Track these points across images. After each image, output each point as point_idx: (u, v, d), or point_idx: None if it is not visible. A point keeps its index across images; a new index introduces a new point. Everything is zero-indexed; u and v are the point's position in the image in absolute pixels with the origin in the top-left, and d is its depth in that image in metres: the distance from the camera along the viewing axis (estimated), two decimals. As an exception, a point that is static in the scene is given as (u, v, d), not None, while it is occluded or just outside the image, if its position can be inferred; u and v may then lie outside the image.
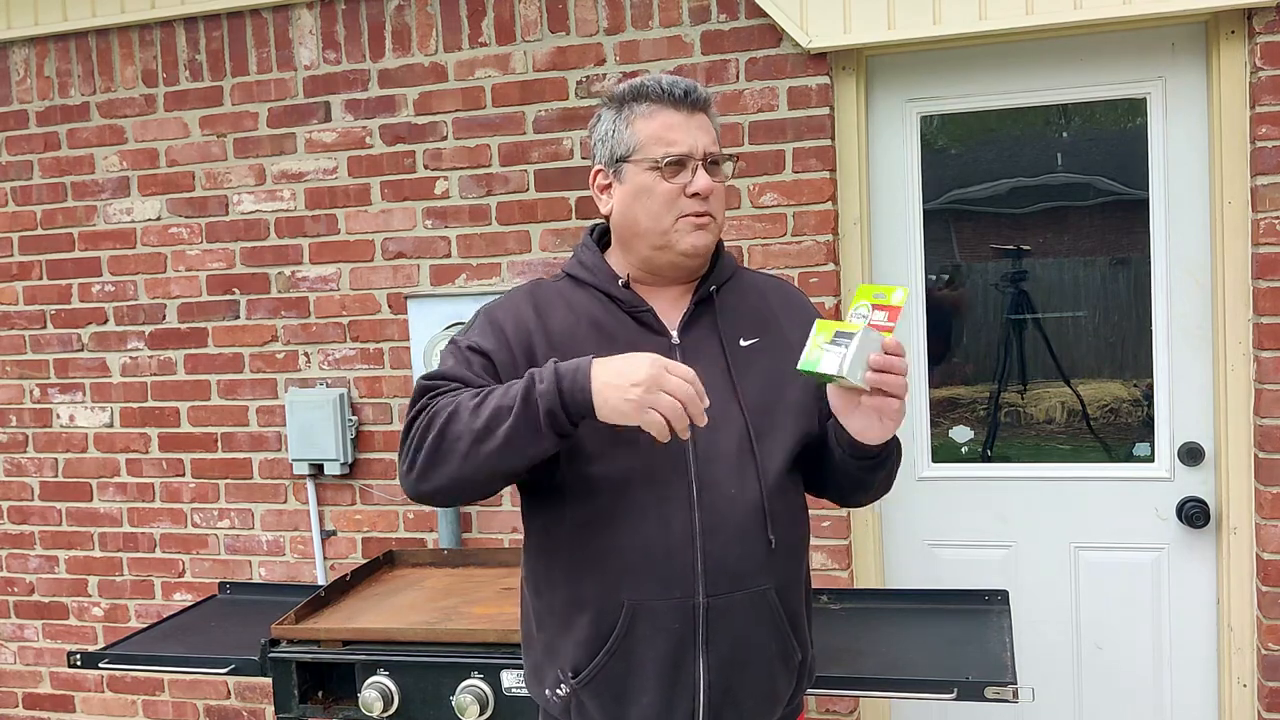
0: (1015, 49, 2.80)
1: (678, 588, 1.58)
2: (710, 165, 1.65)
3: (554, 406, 1.47)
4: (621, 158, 1.66)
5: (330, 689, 2.34)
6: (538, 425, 1.48)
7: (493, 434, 1.49)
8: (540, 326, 1.66)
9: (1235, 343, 2.68)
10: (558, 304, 1.69)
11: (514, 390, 1.51)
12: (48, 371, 3.45)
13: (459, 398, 1.56)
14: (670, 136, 1.63)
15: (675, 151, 1.62)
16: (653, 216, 1.64)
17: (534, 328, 1.65)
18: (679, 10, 2.88)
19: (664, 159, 1.62)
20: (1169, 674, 2.86)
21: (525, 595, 1.77)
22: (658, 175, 1.63)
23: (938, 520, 2.94)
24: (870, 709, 3.00)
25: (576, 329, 1.65)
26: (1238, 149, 2.64)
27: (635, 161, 1.64)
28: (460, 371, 1.63)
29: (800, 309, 1.78)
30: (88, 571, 3.49)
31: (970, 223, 2.93)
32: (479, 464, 1.52)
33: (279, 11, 3.15)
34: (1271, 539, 2.63)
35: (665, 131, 1.63)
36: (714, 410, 1.59)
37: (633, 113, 1.66)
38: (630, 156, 1.65)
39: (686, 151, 1.63)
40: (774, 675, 1.67)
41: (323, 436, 3.14)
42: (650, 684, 1.61)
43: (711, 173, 1.65)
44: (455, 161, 3.07)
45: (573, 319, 1.67)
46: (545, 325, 1.66)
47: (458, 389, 1.59)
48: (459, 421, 1.53)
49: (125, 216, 3.34)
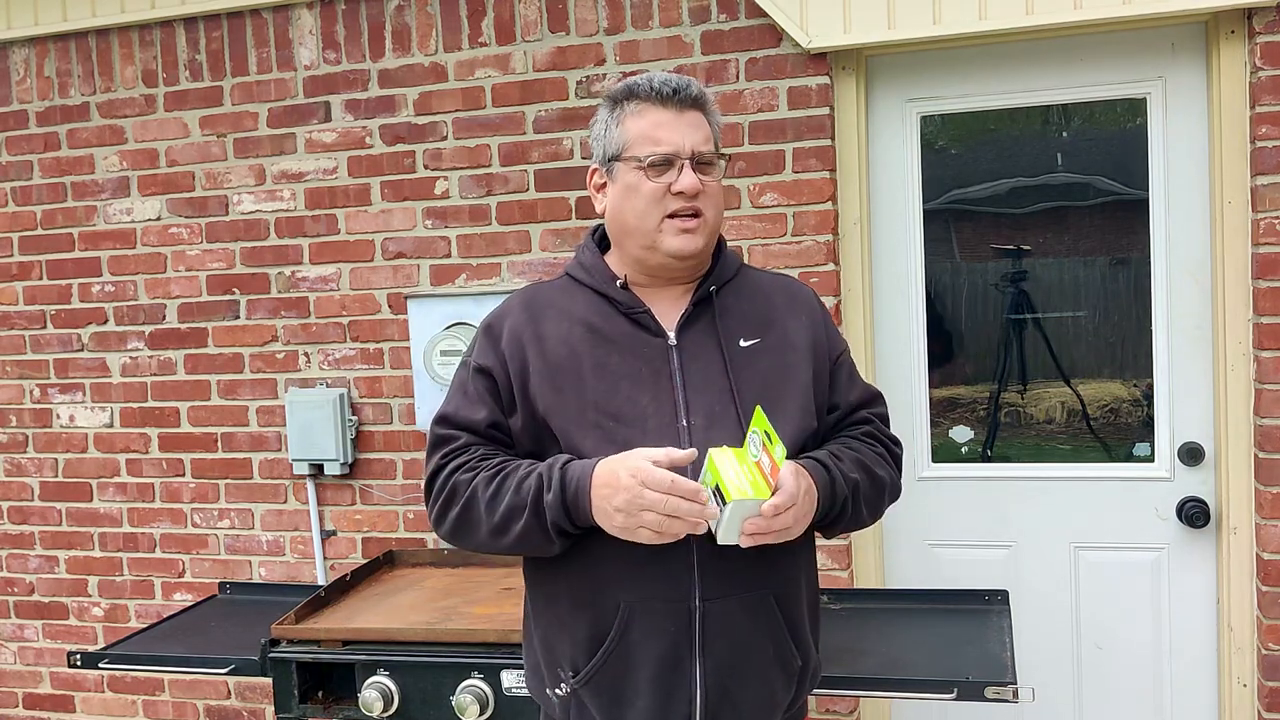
0: (1015, 49, 2.80)
1: (674, 590, 1.58)
2: (700, 165, 1.63)
3: (559, 519, 1.54)
4: (613, 156, 1.66)
5: (330, 689, 2.35)
6: (547, 533, 1.56)
7: (508, 532, 1.58)
8: (534, 335, 1.66)
9: (1235, 343, 2.68)
10: (552, 309, 1.69)
11: (525, 490, 1.56)
12: (48, 371, 3.45)
13: (475, 481, 1.61)
14: (657, 135, 1.62)
15: (660, 150, 1.62)
16: (639, 215, 1.64)
17: (527, 338, 1.66)
18: (679, 10, 2.88)
19: (648, 158, 1.61)
20: (1169, 674, 2.86)
21: (527, 596, 1.77)
22: (643, 174, 1.62)
23: (938, 520, 2.94)
24: (870, 709, 3.00)
25: (571, 334, 1.65)
26: (1238, 149, 2.64)
27: (624, 160, 1.64)
28: (468, 417, 1.67)
29: (807, 308, 1.76)
30: (88, 571, 3.49)
31: (970, 223, 2.93)
32: (500, 550, 1.63)
33: (279, 11, 3.15)
34: (1271, 539, 2.63)
35: (652, 130, 1.63)
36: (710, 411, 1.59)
37: (624, 111, 1.66)
38: (620, 155, 1.65)
39: (673, 150, 1.62)
40: (772, 681, 1.66)
41: (323, 436, 3.14)
42: (646, 686, 1.60)
43: (703, 171, 1.63)
44: (455, 161, 3.07)
45: (566, 325, 1.66)
46: (539, 332, 1.66)
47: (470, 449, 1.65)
48: (475, 509, 1.60)
49: (125, 216, 3.34)
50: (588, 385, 1.61)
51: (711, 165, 1.66)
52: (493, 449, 1.66)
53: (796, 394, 1.67)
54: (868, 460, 1.70)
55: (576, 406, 1.61)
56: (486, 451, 1.65)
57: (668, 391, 1.62)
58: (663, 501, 1.44)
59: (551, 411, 1.62)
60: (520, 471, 1.59)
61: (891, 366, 2.94)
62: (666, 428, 1.60)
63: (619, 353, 1.64)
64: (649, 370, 1.63)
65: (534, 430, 1.64)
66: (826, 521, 1.63)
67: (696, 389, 1.63)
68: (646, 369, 1.63)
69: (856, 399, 1.78)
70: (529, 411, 1.63)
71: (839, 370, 1.77)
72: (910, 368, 2.93)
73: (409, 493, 3.19)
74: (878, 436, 1.77)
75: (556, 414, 1.61)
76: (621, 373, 1.62)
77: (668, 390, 1.62)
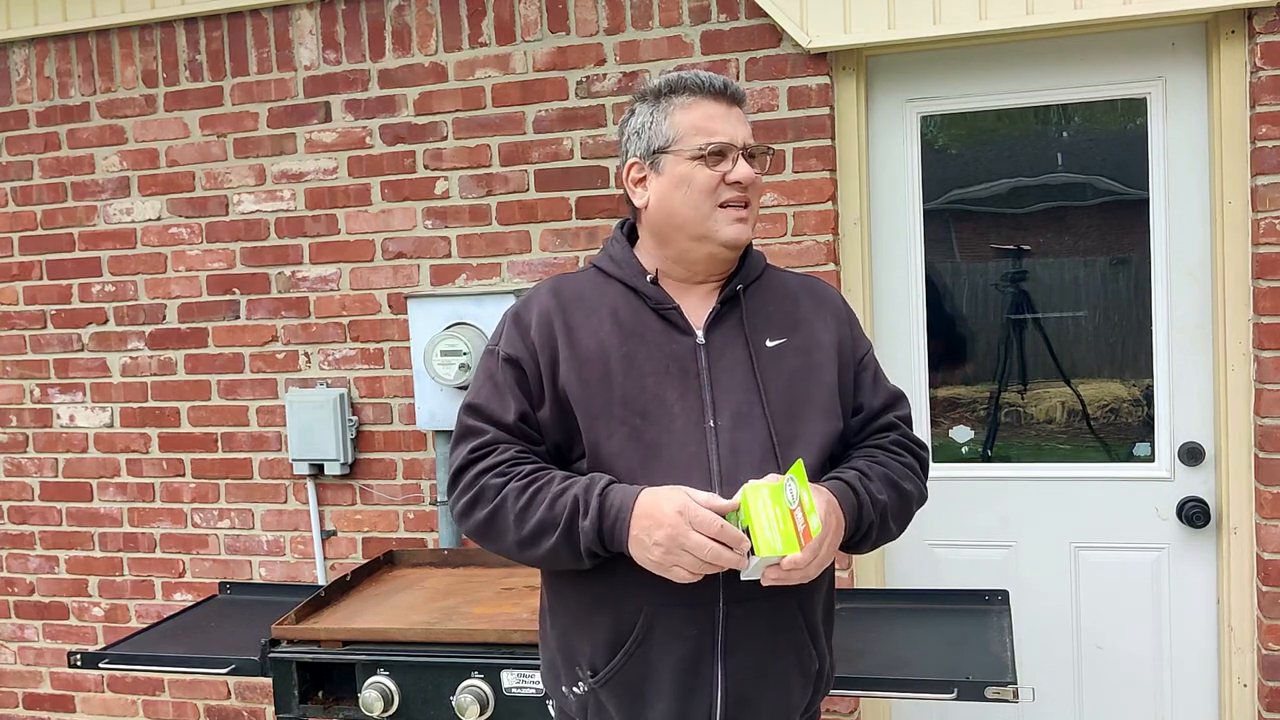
0: (1015, 49, 2.80)
1: (698, 594, 1.57)
2: (749, 157, 1.64)
3: (593, 545, 1.53)
4: (660, 149, 1.65)
5: (330, 689, 2.34)
6: (578, 553, 1.55)
7: (537, 546, 1.57)
8: (564, 325, 1.65)
9: (1235, 343, 2.68)
10: (582, 301, 1.68)
11: (560, 509, 1.54)
12: (48, 371, 3.45)
13: (506, 489, 1.59)
14: (711, 126, 1.63)
15: (718, 140, 1.62)
16: (692, 206, 1.63)
17: (558, 327, 1.65)
18: (679, 10, 2.88)
19: (706, 147, 1.61)
20: (1169, 674, 2.86)
21: (544, 592, 1.76)
22: (699, 164, 1.62)
23: (938, 520, 2.94)
24: (870, 709, 3.00)
25: (600, 328, 1.64)
26: (1238, 149, 2.64)
27: (675, 152, 1.64)
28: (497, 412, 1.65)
29: (832, 308, 1.77)
30: (88, 572, 3.49)
31: (970, 222, 2.93)
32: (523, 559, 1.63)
33: (279, 11, 3.15)
34: (1271, 539, 2.63)
35: (706, 122, 1.63)
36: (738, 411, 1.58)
37: (671, 104, 1.66)
38: (669, 148, 1.64)
39: (728, 140, 1.62)
40: (791, 684, 1.66)
41: (323, 437, 3.14)
42: (667, 689, 1.60)
43: (752, 165, 1.64)
44: (455, 161, 3.07)
45: (596, 318, 1.66)
46: (568, 322, 1.65)
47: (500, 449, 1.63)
48: (504, 518, 1.59)
49: (125, 216, 3.34)
50: (615, 380, 1.61)
51: (758, 159, 1.66)
52: (524, 449, 1.64)
53: (822, 394, 1.67)
54: (896, 475, 1.69)
55: (603, 401, 1.60)
56: (518, 454, 1.63)
57: (695, 390, 1.62)
58: (705, 548, 1.44)
59: (578, 404, 1.61)
60: (555, 487, 1.57)
61: (891, 366, 2.93)
62: (694, 427, 1.60)
63: (647, 349, 1.63)
64: (677, 368, 1.62)
65: (563, 421, 1.63)
66: (853, 542, 1.63)
67: (724, 388, 1.62)
68: (674, 367, 1.63)
69: (881, 402, 1.78)
70: (557, 402, 1.63)
71: (864, 372, 1.77)
72: (910, 368, 2.93)
73: (409, 493, 3.19)
74: (905, 444, 1.77)
75: (583, 407, 1.61)
76: (649, 369, 1.62)
77: (695, 389, 1.62)
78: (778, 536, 1.44)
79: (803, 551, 1.45)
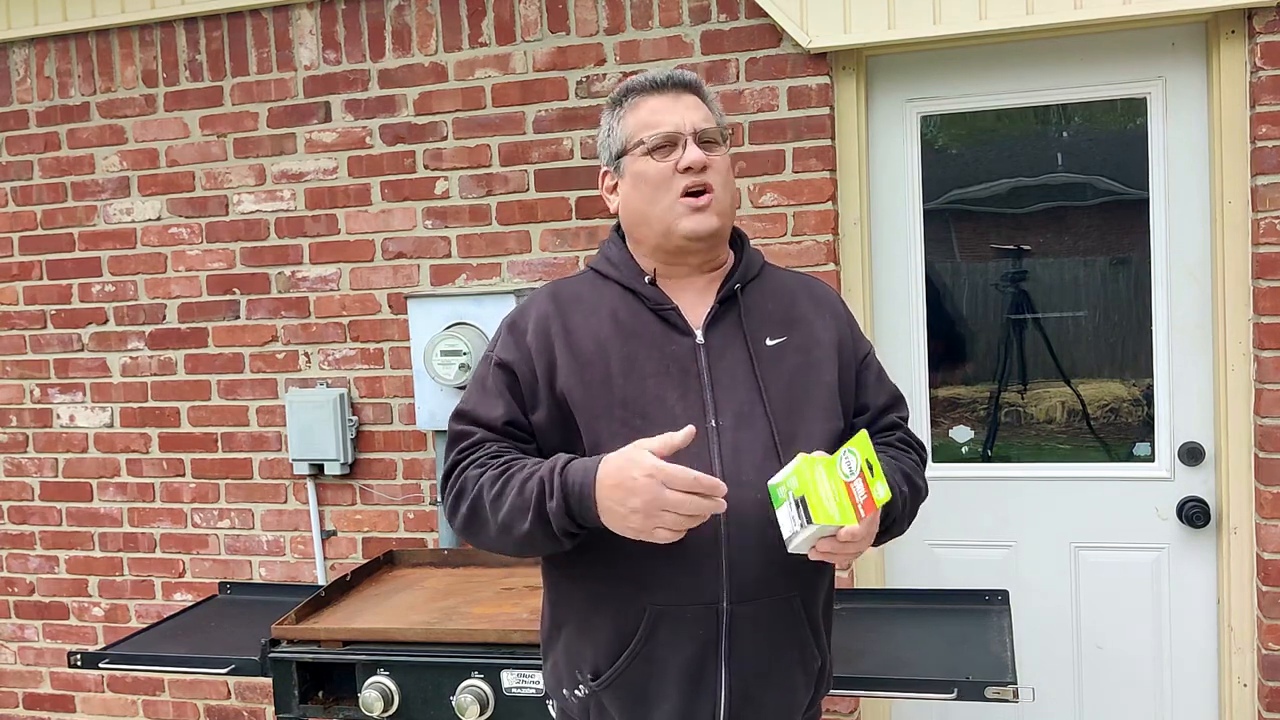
0: (1015, 49, 2.80)
1: (702, 594, 1.56)
2: (704, 142, 1.63)
3: (564, 525, 1.51)
4: (620, 153, 1.67)
5: (330, 689, 2.34)
6: (552, 534, 1.52)
7: (513, 531, 1.55)
8: (562, 328, 1.65)
9: (1235, 342, 2.68)
10: (580, 303, 1.68)
11: (528, 493, 1.53)
12: (48, 371, 3.45)
13: (481, 479, 1.59)
14: (655, 119, 1.63)
15: (660, 131, 1.62)
16: (649, 200, 1.63)
17: (555, 331, 1.65)
18: (679, 10, 2.88)
19: (650, 139, 1.62)
20: (1169, 674, 2.86)
21: (546, 593, 1.76)
22: (648, 158, 1.63)
23: (938, 520, 2.94)
24: (870, 709, 3.00)
25: (599, 329, 1.64)
26: (1238, 149, 2.64)
27: (630, 152, 1.65)
28: (484, 413, 1.65)
29: (830, 307, 1.77)
30: (88, 571, 3.49)
31: (970, 222, 2.93)
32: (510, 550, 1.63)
33: (279, 11, 3.15)
34: (1271, 539, 2.63)
35: (650, 115, 1.64)
36: (739, 411, 1.58)
37: (623, 108, 1.68)
38: (626, 149, 1.66)
39: (673, 129, 1.62)
40: (795, 682, 1.66)
41: (323, 436, 3.14)
42: (671, 690, 1.60)
43: (708, 149, 1.63)
44: (455, 161, 3.07)
45: (595, 319, 1.65)
46: (566, 325, 1.65)
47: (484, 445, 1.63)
48: (482, 509, 1.58)
49: (125, 216, 3.34)
50: (615, 382, 1.60)
51: (715, 143, 1.65)
52: (507, 445, 1.64)
53: (822, 393, 1.67)
54: (910, 472, 1.71)
55: (604, 403, 1.60)
56: (499, 449, 1.63)
57: (696, 391, 1.61)
58: (686, 503, 1.41)
59: (579, 406, 1.60)
60: (523, 473, 1.56)
61: (892, 366, 2.92)
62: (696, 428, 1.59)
63: (646, 350, 1.63)
64: (677, 369, 1.62)
65: (562, 424, 1.62)
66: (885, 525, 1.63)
67: (724, 388, 1.62)
68: (675, 367, 1.62)
69: (884, 402, 1.78)
70: (556, 405, 1.62)
71: (866, 371, 1.77)
72: (910, 367, 2.93)
73: (409, 493, 3.19)
74: (910, 444, 1.78)
75: (583, 409, 1.60)
76: (649, 370, 1.61)
77: (696, 390, 1.61)
78: (835, 507, 1.42)
79: (859, 523, 1.44)
